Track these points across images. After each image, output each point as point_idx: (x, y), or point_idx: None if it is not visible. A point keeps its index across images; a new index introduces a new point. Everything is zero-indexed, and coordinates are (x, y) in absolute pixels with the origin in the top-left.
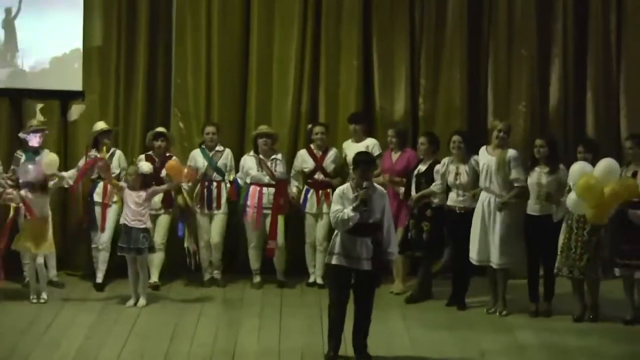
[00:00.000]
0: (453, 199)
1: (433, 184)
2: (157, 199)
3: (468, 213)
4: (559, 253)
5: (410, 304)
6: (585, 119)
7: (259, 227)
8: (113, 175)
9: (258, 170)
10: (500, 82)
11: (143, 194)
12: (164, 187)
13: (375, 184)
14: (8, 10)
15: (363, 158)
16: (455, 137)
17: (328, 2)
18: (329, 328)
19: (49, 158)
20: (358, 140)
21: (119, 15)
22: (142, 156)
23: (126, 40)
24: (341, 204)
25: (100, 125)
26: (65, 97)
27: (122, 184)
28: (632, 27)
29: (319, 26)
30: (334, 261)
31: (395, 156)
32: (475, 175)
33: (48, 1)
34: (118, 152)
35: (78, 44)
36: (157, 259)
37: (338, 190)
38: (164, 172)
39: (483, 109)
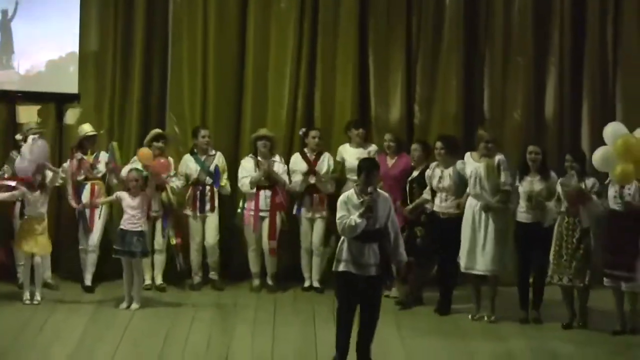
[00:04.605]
0: (437, 205)
1: (425, 190)
2: (154, 200)
3: (452, 219)
4: (551, 261)
5: (401, 308)
6: (581, 128)
7: (257, 230)
8: (98, 175)
9: (255, 172)
10: (495, 90)
11: (138, 198)
12: (151, 189)
13: (380, 190)
14: (4, 13)
15: (367, 164)
16: (437, 143)
17: (325, 8)
18: (337, 334)
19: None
20: (359, 145)
21: (115, 20)
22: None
23: (122, 45)
24: (346, 210)
25: (86, 128)
26: (61, 100)
27: (119, 194)
28: (629, 37)
29: (315, 31)
30: (341, 268)
31: (391, 161)
32: (459, 179)
33: (44, 4)
34: (102, 153)
35: (74, 47)
36: (158, 261)
37: (342, 196)
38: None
39: (479, 116)
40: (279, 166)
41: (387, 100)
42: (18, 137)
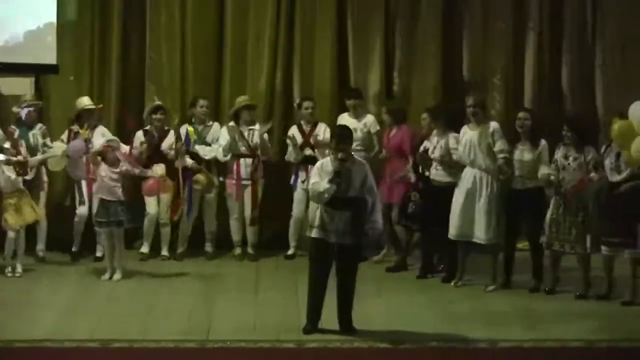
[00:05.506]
0: (433, 173)
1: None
2: (161, 172)
3: (442, 187)
4: (547, 227)
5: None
6: (562, 93)
7: (238, 199)
8: (92, 149)
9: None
10: (475, 56)
11: (117, 170)
12: (138, 171)
13: (356, 156)
14: None
15: (339, 131)
16: (423, 114)
17: None
18: (308, 301)
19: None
20: (357, 116)
21: None
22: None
23: (100, 14)
24: (319, 176)
25: (84, 101)
26: (40, 72)
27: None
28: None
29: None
30: (313, 234)
31: (392, 133)
32: (447, 152)
33: None
34: (101, 127)
35: (52, 17)
36: (165, 233)
37: (318, 163)
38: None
39: (459, 82)
40: (257, 134)
41: (366, 68)
42: (15, 109)
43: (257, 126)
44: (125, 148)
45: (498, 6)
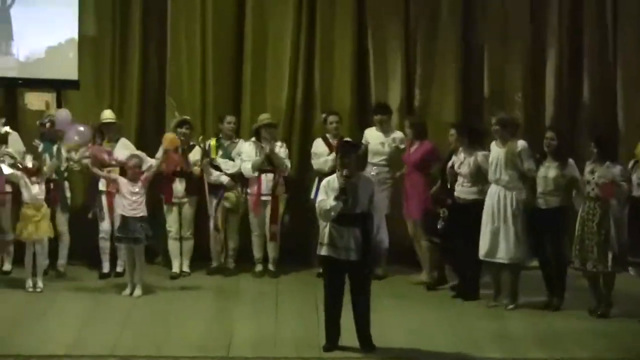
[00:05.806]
0: (457, 189)
1: None
2: (181, 187)
3: (468, 205)
4: (573, 245)
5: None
6: (581, 109)
7: (258, 214)
8: (112, 162)
9: (257, 157)
10: (495, 72)
11: (139, 183)
12: (153, 167)
13: (362, 173)
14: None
15: (343, 146)
16: (451, 130)
17: None
18: (325, 319)
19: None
20: (384, 131)
21: (114, 4)
22: None
23: (120, 30)
24: (325, 193)
25: (106, 114)
26: (61, 87)
27: (114, 175)
28: (628, 13)
29: (313, 14)
30: (322, 252)
31: (412, 148)
32: (477, 170)
33: None
34: (123, 140)
35: (73, 33)
36: (187, 248)
37: (324, 180)
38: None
39: (479, 98)
40: (279, 150)
41: (386, 83)
42: (38, 123)
43: (279, 143)
44: (150, 161)
45: (517, 21)
